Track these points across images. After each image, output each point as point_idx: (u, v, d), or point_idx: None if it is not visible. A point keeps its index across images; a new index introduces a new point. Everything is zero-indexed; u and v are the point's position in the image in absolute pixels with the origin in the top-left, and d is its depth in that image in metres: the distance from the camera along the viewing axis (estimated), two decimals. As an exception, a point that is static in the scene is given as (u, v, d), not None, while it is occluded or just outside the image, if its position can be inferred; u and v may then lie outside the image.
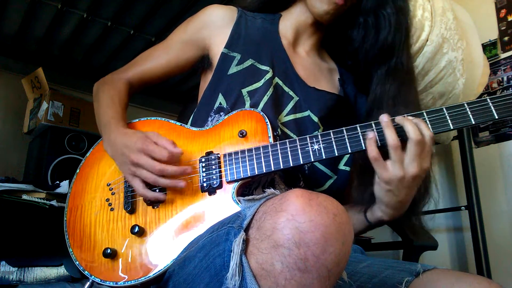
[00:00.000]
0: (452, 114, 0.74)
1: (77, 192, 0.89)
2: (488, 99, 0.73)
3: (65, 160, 2.17)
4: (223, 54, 0.95)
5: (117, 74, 1.02)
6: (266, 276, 0.51)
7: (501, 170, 1.91)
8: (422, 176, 0.74)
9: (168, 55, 1.00)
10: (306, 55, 1.01)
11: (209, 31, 0.98)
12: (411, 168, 0.72)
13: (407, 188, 0.74)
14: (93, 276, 0.77)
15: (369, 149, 0.74)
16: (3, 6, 2.04)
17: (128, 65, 1.03)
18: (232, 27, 0.98)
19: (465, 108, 0.74)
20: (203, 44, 0.99)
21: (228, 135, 0.83)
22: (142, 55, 1.04)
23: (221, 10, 1.00)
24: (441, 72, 1.41)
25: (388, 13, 0.90)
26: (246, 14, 1.02)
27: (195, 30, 0.99)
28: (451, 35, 1.38)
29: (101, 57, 2.52)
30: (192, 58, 1.00)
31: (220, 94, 0.93)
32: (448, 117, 0.74)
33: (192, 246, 0.68)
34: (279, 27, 1.01)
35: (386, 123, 0.74)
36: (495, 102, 0.73)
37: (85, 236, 0.82)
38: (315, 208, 0.51)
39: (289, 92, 0.93)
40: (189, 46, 0.99)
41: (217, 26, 0.98)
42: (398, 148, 0.72)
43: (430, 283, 0.71)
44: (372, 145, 0.73)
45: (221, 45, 0.96)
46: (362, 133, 0.76)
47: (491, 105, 0.72)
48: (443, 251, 2.06)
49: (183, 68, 1.01)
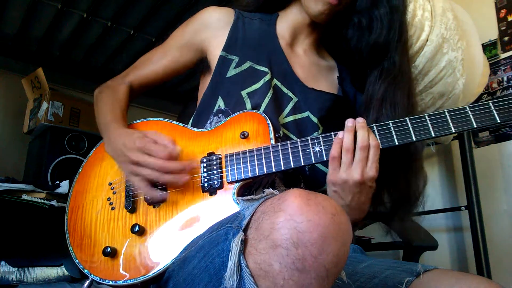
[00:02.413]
0: (454, 117, 0.74)
1: (79, 192, 0.89)
2: (491, 103, 0.72)
3: (65, 160, 2.17)
4: (221, 57, 0.95)
5: (117, 79, 1.02)
6: (265, 276, 0.51)
7: (501, 170, 1.91)
8: (367, 185, 0.75)
9: (166, 59, 1.00)
10: (304, 54, 1.01)
11: (206, 34, 0.98)
12: (355, 174, 0.73)
13: (352, 193, 0.75)
14: (92, 275, 0.77)
15: (332, 146, 0.75)
16: (3, 6, 2.04)
17: (128, 70, 1.04)
18: (229, 30, 0.97)
19: (467, 111, 0.74)
20: (201, 47, 0.99)
21: (230, 136, 0.84)
22: (141, 59, 1.04)
23: (218, 13, 0.99)
24: (441, 72, 1.40)
25: (381, 13, 0.89)
26: (244, 15, 1.01)
27: (192, 33, 0.99)
28: (451, 35, 1.38)
29: (101, 57, 2.52)
30: (190, 61, 1.01)
31: (220, 97, 0.93)
32: (449, 120, 0.74)
33: (191, 246, 0.68)
34: (276, 27, 1.01)
35: (348, 128, 0.76)
36: (497, 105, 0.72)
37: (86, 235, 0.82)
38: (313, 208, 0.51)
39: (288, 93, 0.93)
40: (187, 50, 0.99)
41: (214, 29, 0.98)
42: (348, 152, 0.74)
43: (431, 283, 0.71)
44: (338, 144, 0.75)
45: (218, 48, 0.96)
46: None
47: (493, 109, 0.72)
48: (443, 251, 2.06)
49: (182, 71, 1.02)
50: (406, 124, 0.76)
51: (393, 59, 0.89)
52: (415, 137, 0.75)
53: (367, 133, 0.75)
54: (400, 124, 0.76)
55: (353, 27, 0.92)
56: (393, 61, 0.89)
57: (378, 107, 0.86)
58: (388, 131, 0.76)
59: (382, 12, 0.89)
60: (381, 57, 0.90)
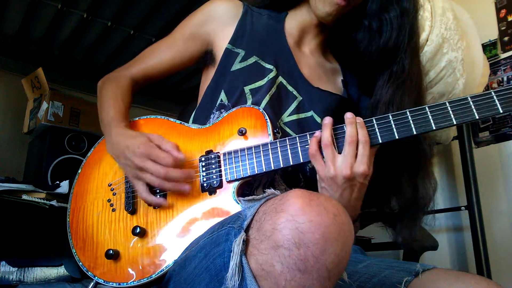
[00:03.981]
0: (455, 108, 0.72)
1: (79, 193, 0.89)
2: (493, 92, 0.70)
3: (65, 160, 2.17)
4: (227, 49, 0.94)
5: (121, 71, 1.01)
6: (266, 276, 0.51)
7: (501, 170, 1.91)
8: (358, 181, 0.72)
9: (172, 50, 0.98)
10: (311, 54, 1.00)
11: (213, 25, 0.97)
12: (343, 169, 0.71)
13: (342, 189, 0.73)
14: (96, 277, 0.77)
15: (310, 144, 0.74)
16: (3, 6, 2.04)
17: (132, 61, 1.02)
18: (237, 23, 0.96)
19: (468, 102, 0.71)
20: (207, 39, 0.97)
21: (227, 133, 0.83)
22: (146, 51, 1.03)
23: (226, 4, 0.98)
24: (441, 72, 1.40)
25: (391, 16, 0.88)
26: (252, 9, 1.00)
27: (199, 24, 0.97)
28: (451, 35, 1.38)
29: (101, 57, 2.52)
30: (196, 53, 0.99)
31: (223, 91, 0.92)
32: (451, 112, 0.72)
33: (192, 247, 0.68)
34: (285, 25, 0.99)
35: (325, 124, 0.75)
36: (500, 95, 0.70)
37: (88, 237, 0.83)
38: (315, 209, 0.51)
39: (293, 91, 0.92)
40: (193, 41, 0.97)
41: (222, 21, 0.96)
42: (327, 147, 0.73)
43: (429, 283, 0.71)
44: (314, 142, 0.74)
45: (225, 41, 0.95)
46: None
47: (495, 99, 0.70)
48: (443, 251, 2.06)
49: (187, 63, 1.00)
50: (406, 117, 0.73)
51: (402, 63, 0.88)
52: (415, 130, 0.72)
53: (354, 128, 0.73)
54: (401, 117, 0.74)
55: (364, 30, 0.91)
56: (402, 65, 0.88)
57: (384, 111, 0.85)
58: (388, 124, 0.74)
59: (392, 15, 0.88)
60: (391, 61, 0.89)
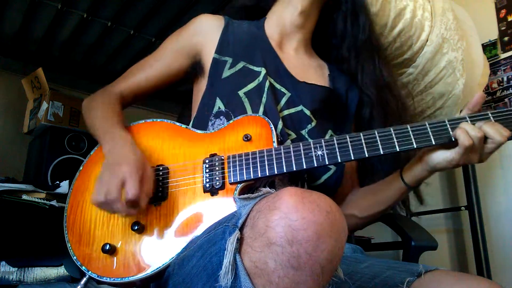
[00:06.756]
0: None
1: (79, 189, 0.89)
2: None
3: (65, 160, 2.17)
4: (215, 59, 0.98)
5: (108, 89, 1.00)
6: (260, 274, 0.51)
7: (501, 170, 1.91)
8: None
9: (159, 64, 1.01)
10: (295, 53, 1.05)
11: (200, 38, 1.02)
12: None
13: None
14: (90, 272, 0.76)
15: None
16: (3, 6, 2.04)
17: (118, 79, 1.03)
18: (220, 34, 1.01)
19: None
20: (195, 50, 1.01)
21: (233, 139, 0.85)
22: (132, 68, 1.04)
23: (210, 18, 1.05)
24: (441, 72, 1.41)
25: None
26: (233, 21, 1.06)
27: (185, 38, 1.02)
28: (451, 35, 1.38)
29: (101, 57, 2.52)
30: (184, 66, 1.02)
31: (218, 98, 0.95)
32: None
33: (190, 246, 0.68)
34: (265, 30, 1.05)
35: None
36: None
37: (85, 231, 0.82)
38: (307, 206, 0.51)
39: (280, 89, 0.96)
40: (181, 54, 1.01)
41: (207, 33, 1.02)
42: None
43: (431, 284, 0.71)
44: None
45: (211, 51, 0.99)
46: (365, 140, 0.77)
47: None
48: (443, 251, 2.06)
49: (175, 77, 1.02)
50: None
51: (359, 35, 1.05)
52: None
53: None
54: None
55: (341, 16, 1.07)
56: (362, 37, 1.04)
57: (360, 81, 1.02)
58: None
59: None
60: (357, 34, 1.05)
